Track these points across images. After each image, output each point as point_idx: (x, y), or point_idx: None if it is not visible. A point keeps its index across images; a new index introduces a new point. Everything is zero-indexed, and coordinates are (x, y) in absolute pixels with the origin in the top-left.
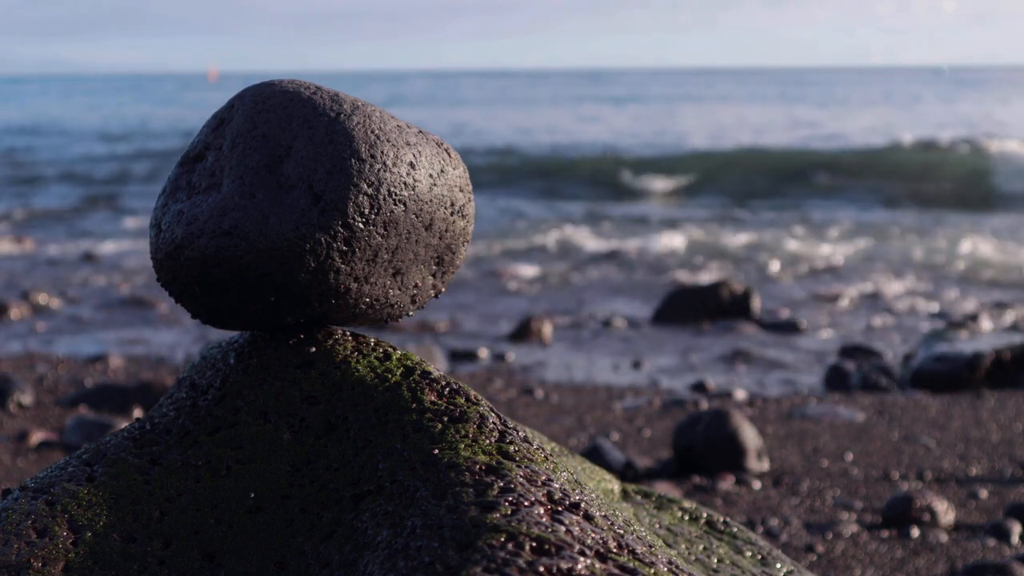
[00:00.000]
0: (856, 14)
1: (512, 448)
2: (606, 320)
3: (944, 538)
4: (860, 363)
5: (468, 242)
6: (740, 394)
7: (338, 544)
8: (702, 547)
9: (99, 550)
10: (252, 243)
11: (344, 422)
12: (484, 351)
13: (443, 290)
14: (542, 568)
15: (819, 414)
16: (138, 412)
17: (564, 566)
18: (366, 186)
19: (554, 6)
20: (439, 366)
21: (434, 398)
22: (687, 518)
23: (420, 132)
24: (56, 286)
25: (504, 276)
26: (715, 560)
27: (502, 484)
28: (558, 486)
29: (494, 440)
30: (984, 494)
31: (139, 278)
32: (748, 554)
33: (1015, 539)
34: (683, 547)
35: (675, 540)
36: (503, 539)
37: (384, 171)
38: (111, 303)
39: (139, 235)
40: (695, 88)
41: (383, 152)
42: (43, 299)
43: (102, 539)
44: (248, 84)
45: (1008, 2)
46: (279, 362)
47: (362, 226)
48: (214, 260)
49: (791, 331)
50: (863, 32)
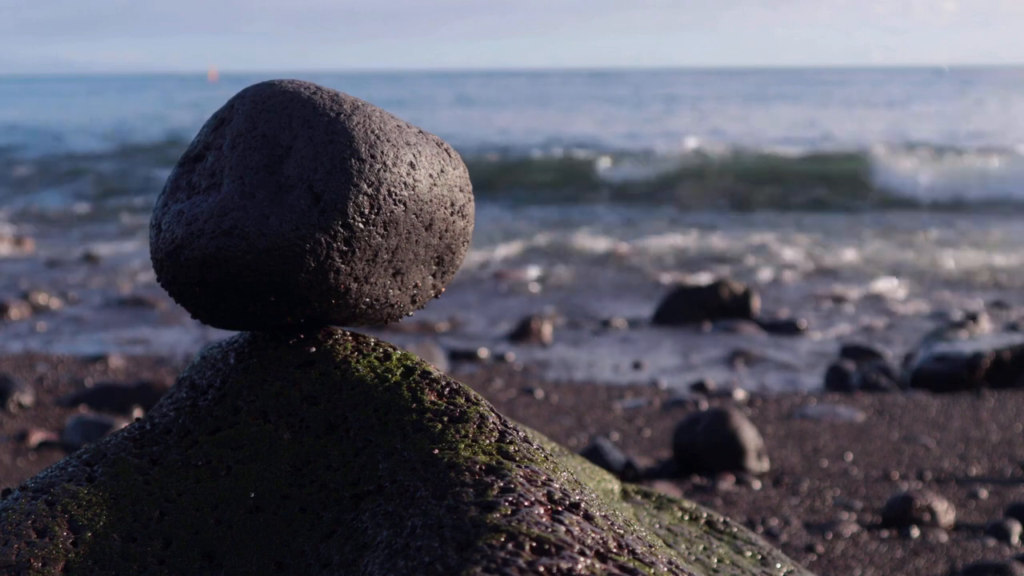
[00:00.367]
0: (856, 14)
1: (512, 448)
2: (606, 320)
3: (944, 538)
4: (860, 363)
5: (468, 242)
6: (740, 394)
7: (338, 544)
8: (702, 547)
9: (99, 550)
10: (252, 243)
11: (344, 422)
12: (484, 351)
13: (443, 290)
14: (542, 568)
15: (819, 414)
16: (138, 412)
17: (564, 566)
18: (366, 186)
19: (554, 6)
20: (439, 366)
21: (434, 398)
22: (687, 518)
23: (420, 132)
24: (56, 286)
25: (504, 276)
26: (715, 560)
27: (502, 484)
28: (558, 486)
29: (494, 440)
30: (984, 494)
31: (139, 278)
32: (748, 554)
33: (1015, 539)
34: (683, 547)
35: (675, 540)
36: (503, 539)
37: (384, 171)
38: (111, 303)
39: (139, 235)
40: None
41: (383, 152)
42: (43, 299)
43: (102, 539)
44: (248, 84)
45: (1008, 2)
46: (279, 362)
47: (362, 226)
48: (214, 260)
49: (791, 331)
50: (863, 32)
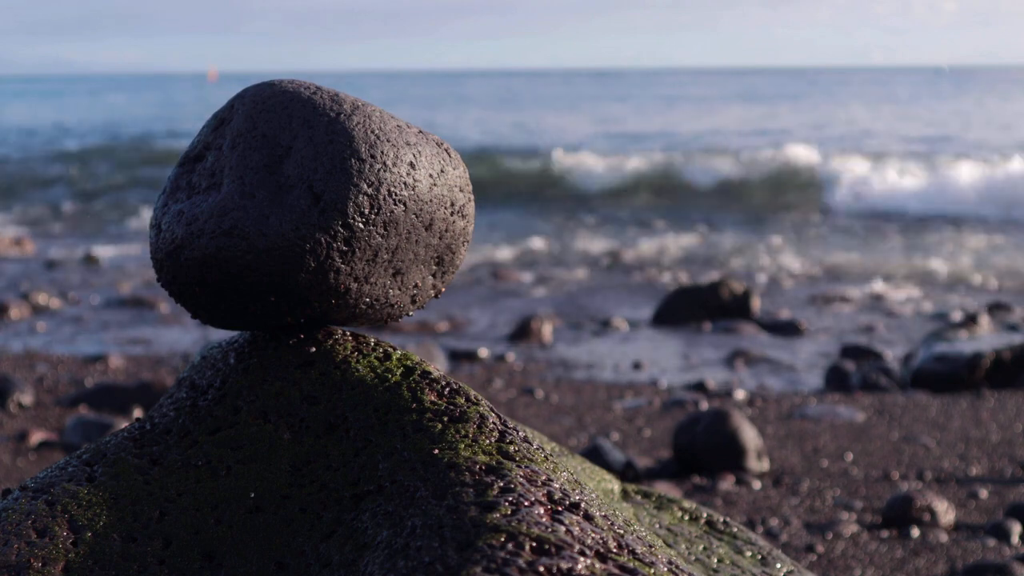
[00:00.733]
0: (856, 14)
1: (512, 448)
2: (606, 320)
3: (944, 538)
4: (860, 363)
5: (468, 242)
6: (740, 394)
7: (338, 544)
8: (702, 547)
9: (99, 550)
10: (252, 243)
11: (344, 422)
12: (484, 351)
13: (443, 290)
14: (542, 568)
15: (819, 414)
16: (138, 412)
17: (564, 566)
18: (366, 186)
19: (554, 6)
20: (439, 366)
21: (434, 398)
22: (687, 518)
23: (420, 132)
24: (56, 286)
25: (504, 277)
26: (715, 560)
27: (502, 484)
28: (558, 486)
29: (494, 440)
30: (984, 494)
31: (139, 278)
32: (748, 554)
33: (1015, 539)
34: (683, 547)
35: (675, 540)
36: (503, 539)
37: (384, 171)
38: (111, 303)
39: (139, 236)
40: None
41: (383, 152)
42: (43, 299)
43: (102, 539)
44: (248, 84)
45: (1008, 2)
46: (279, 362)
47: (362, 226)
48: (214, 260)
49: (791, 331)
50: (863, 32)
